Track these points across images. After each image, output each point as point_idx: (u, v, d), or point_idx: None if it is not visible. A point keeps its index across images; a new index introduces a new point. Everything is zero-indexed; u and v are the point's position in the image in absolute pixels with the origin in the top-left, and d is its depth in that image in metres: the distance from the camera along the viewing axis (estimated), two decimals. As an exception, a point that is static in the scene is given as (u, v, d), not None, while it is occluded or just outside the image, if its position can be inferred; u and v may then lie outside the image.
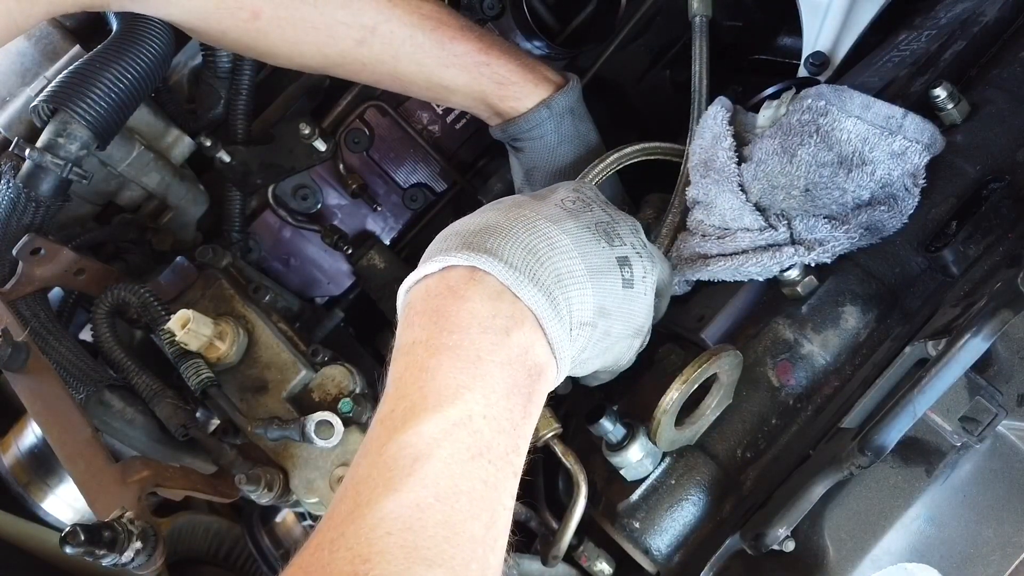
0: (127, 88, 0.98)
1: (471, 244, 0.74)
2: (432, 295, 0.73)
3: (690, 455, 0.90)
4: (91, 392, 0.92)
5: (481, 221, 0.78)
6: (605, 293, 0.79)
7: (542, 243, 0.76)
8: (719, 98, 1.00)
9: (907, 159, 0.87)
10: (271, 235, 1.27)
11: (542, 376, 0.73)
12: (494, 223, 0.77)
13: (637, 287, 0.82)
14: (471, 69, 1.03)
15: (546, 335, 0.73)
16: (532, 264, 0.74)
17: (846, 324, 0.89)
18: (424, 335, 0.71)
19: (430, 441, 0.65)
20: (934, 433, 0.80)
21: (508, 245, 0.74)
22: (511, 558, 0.91)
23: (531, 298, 0.72)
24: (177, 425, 0.92)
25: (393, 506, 0.62)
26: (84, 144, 0.97)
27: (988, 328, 0.73)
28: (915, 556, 0.80)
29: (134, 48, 0.99)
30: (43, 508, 1.04)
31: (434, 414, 0.66)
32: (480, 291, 0.72)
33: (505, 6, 1.27)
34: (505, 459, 0.68)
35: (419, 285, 0.75)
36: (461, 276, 0.73)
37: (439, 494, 0.63)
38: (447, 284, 0.73)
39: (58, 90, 0.96)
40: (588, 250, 0.79)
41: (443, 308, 0.71)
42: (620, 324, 0.82)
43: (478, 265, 0.72)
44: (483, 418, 0.67)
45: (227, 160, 1.14)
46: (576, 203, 0.83)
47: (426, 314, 0.72)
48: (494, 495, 0.66)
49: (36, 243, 0.97)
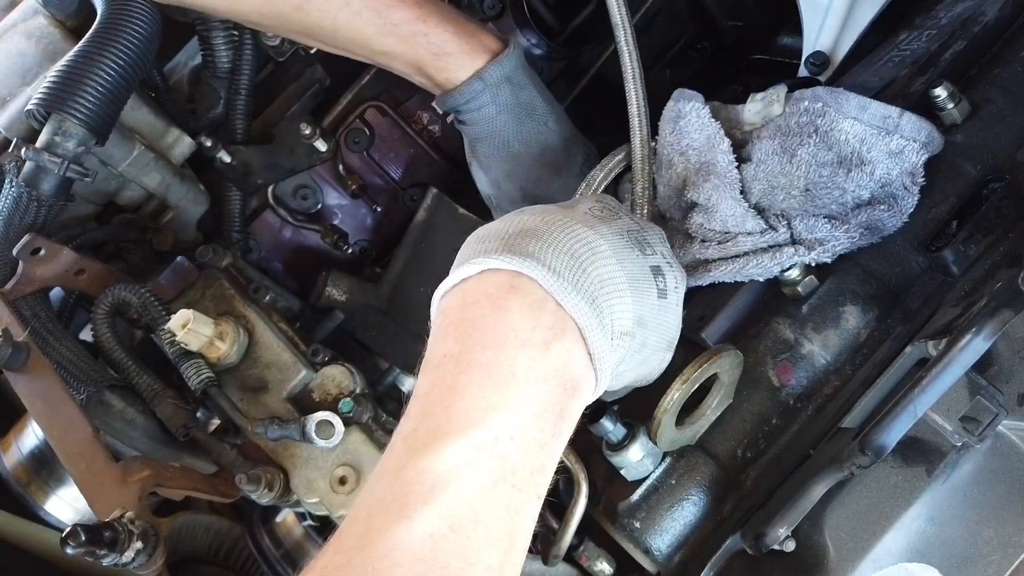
0: (117, 78, 0.98)
1: (512, 247, 0.71)
2: (468, 303, 0.69)
3: (690, 455, 0.90)
4: (91, 392, 0.92)
5: (518, 224, 0.74)
6: (643, 302, 0.76)
7: (583, 248, 0.73)
8: (685, 91, 0.97)
9: (905, 158, 0.87)
10: (271, 235, 1.27)
11: (578, 391, 0.70)
12: (532, 226, 0.73)
13: (671, 297, 0.80)
14: (408, 38, 1.00)
15: (588, 346, 0.70)
16: (575, 270, 0.71)
17: (846, 324, 0.89)
18: (456, 349, 0.67)
19: (451, 468, 0.62)
20: (934, 433, 0.80)
21: (551, 249, 0.71)
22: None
23: (575, 307, 0.69)
24: (177, 425, 0.92)
25: (405, 536, 0.59)
26: (82, 141, 0.97)
27: (989, 328, 0.73)
28: (915, 556, 0.80)
29: (119, 35, 0.98)
30: (44, 508, 1.04)
31: (458, 437, 0.63)
32: (520, 300, 0.68)
33: (505, 6, 1.28)
34: (530, 481, 0.65)
35: (455, 291, 0.71)
36: (501, 283, 0.69)
37: (455, 523, 0.60)
38: (485, 291, 0.69)
39: (49, 93, 0.96)
40: (624, 256, 0.76)
41: (479, 319, 0.68)
42: (655, 336, 0.79)
43: (521, 270, 0.69)
44: (510, 440, 0.64)
45: (227, 160, 1.14)
46: (604, 211, 0.80)
47: (461, 325, 0.69)
48: (515, 520, 0.64)
49: (36, 243, 0.97)
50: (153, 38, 1.01)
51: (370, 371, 0.98)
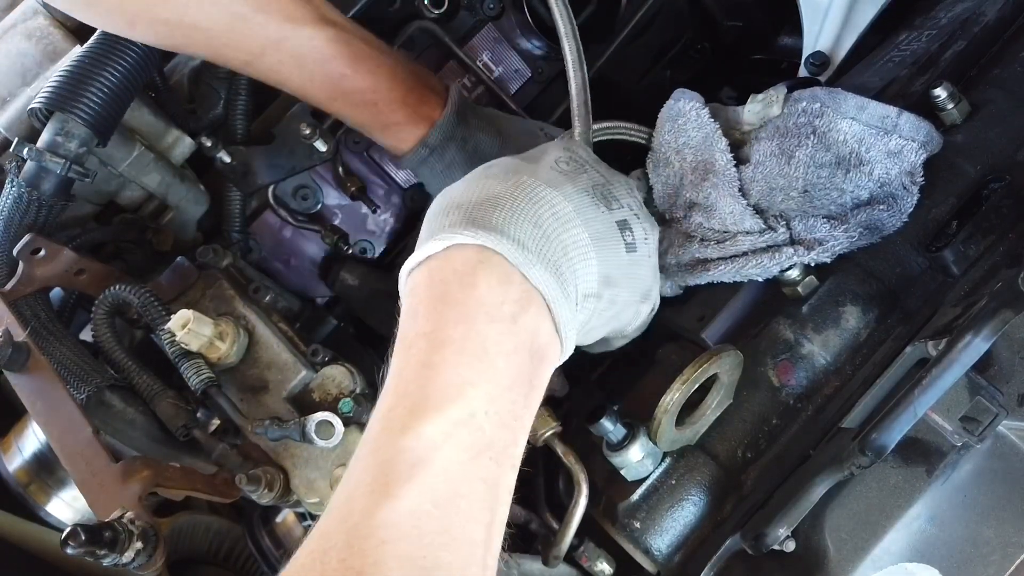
0: (121, 81, 0.98)
1: (476, 220, 0.71)
2: (436, 280, 0.70)
3: (691, 455, 0.90)
4: (92, 392, 0.92)
5: (481, 191, 0.75)
6: (609, 261, 0.77)
7: (547, 213, 0.74)
8: (685, 91, 0.98)
9: (904, 158, 0.87)
10: (271, 235, 1.27)
11: (546, 359, 0.72)
12: (495, 193, 0.74)
13: (640, 250, 0.80)
14: (358, 107, 1.01)
15: (552, 316, 0.71)
16: (539, 240, 0.72)
17: (847, 324, 0.89)
18: (428, 327, 0.68)
19: (430, 445, 0.62)
20: (935, 433, 0.80)
21: (515, 219, 0.72)
22: (512, 559, 0.91)
23: (540, 278, 0.70)
24: (177, 425, 0.92)
25: (389, 514, 0.60)
26: (84, 141, 0.98)
27: (989, 328, 0.73)
28: (916, 556, 0.80)
29: (124, 39, 0.99)
30: (44, 508, 1.04)
31: (436, 414, 0.64)
32: (488, 275, 0.69)
33: (505, 6, 1.28)
34: (506, 453, 0.66)
35: (422, 268, 0.72)
36: (468, 258, 0.70)
37: (437, 500, 0.61)
38: (452, 268, 0.70)
39: (52, 92, 0.97)
40: (589, 216, 0.76)
41: (449, 296, 0.69)
42: (626, 291, 0.80)
43: (487, 244, 0.69)
44: (486, 414, 0.65)
45: (227, 160, 1.14)
46: (570, 164, 0.81)
47: (431, 302, 0.69)
48: (494, 493, 0.65)
49: (36, 243, 0.97)
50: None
51: (370, 371, 0.98)
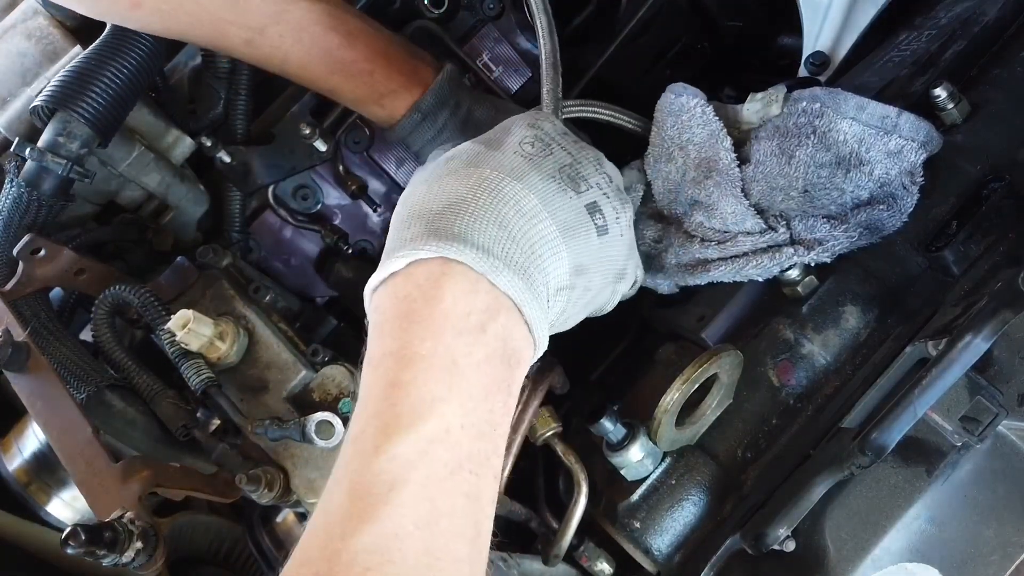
0: (125, 83, 0.98)
1: (437, 231, 0.70)
2: (401, 298, 0.69)
3: (690, 455, 0.90)
4: (92, 392, 0.92)
5: (442, 195, 0.73)
6: (580, 249, 0.76)
7: (511, 211, 0.72)
8: (687, 87, 0.97)
9: (904, 158, 0.87)
10: (271, 235, 1.26)
11: (521, 362, 0.71)
12: (457, 196, 0.72)
13: (612, 231, 0.79)
14: (355, 77, 1.01)
15: (524, 318, 0.70)
16: (504, 241, 0.70)
17: (846, 324, 0.89)
18: (396, 345, 0.67)
19: (405, 464, 0.61)
20: (935, 433, 0.80)
21: (478, 223, 0.70)
22: (512, 558, 0.91)
23: (507, 283, 0.69)
24: (177, 425, 0.92)
25: (370, 539, 0.58)
26: (85, 142, 0.98)
27: (989, 328, 0.73)
28: (916, 556, 0.80)
29: (129, 42, 0.99)
30: (44, 508, 1.04)
31: (409, 433, 0.62)
32: (452, 287, 0.68)
33: (505, 6, 1.27)
34: (486, 464, 0.65)
35: (386, 285, 0.71)
36: (431, 272, 0.68)
37: (418, 520, 0.60)
38: (416, 283, 0.69)
39: (56, 90, 0.97)
40: (557, 205, 0.75)
41: (414, 312, 0.67)
42: (599, 275, 0.79)
43: (449, 256, 0.68)
44: (461, 428, 0.64)
45: (227, 160, 1.14)
46: (535, 145, 0.79)
47: (397, 320, 0.68)
48: (476, 506, 0.64)
49: (36, 243, 0.97)
50: (164, 46, 1.02)
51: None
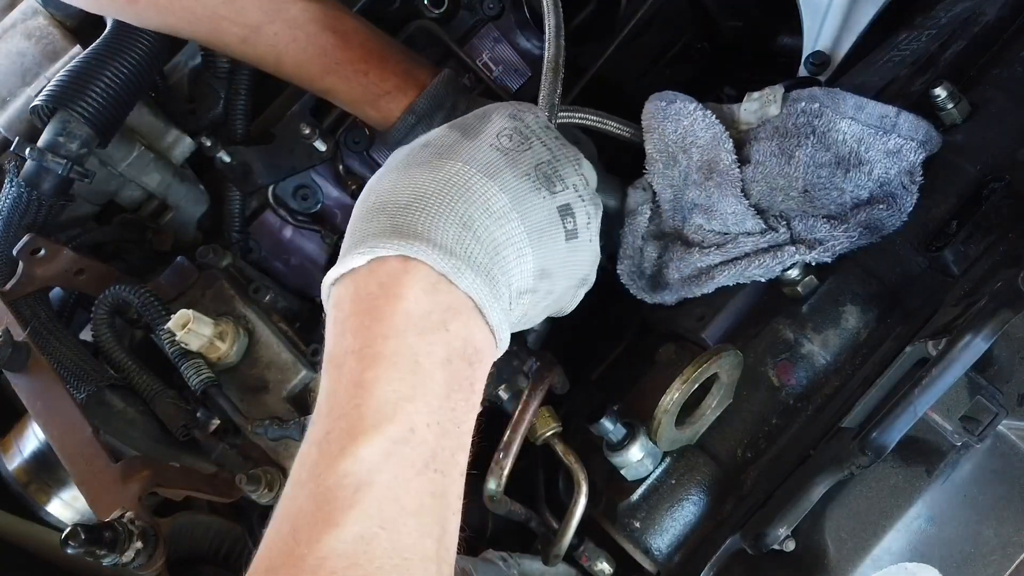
0: (125, 83, 0.99)
1: (400, 228, 0.69)
2: (362, 295, 0.68)
3: (690, 455, 0.90)
4: (91, 392, 0.92)
5: (409, 188, 0.72)
6: (547, 253, 0.75)
7: (478, 211, 0.71)
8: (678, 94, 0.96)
9: (903, 157, 0.87)
10: (271, 235, 1.26)
11: (483, 360, 0.70)
12: (424, 191, 0.71)
13: (581, 236, 0.78)
14: (351, 78, 1.00)
15: (485, 319, 0.69)
16: (468, 241, 0.69)
17: (846, 324, 0.89)
18: (357, 343, 0.66)
19: (371, 466, 0.60)
20: (934, 433, 0.81)
21: (442, 221, 0.69)
22: (512, 558, 0.91)
23: (468, 284, 0.68)
24: (177, 425, 0.92)
25: (336, 543, 0.57)
26: (85, 142, 0.98)
27: (988, 328, 0.73)
28: (915, 556, 0.80)
29: (129, 42, 0.99)
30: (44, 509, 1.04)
31: (374, 434, 0.61)
32: (414, 285, 0.67)
33: (505, 6, 1.27)
34: (451, 462, 0.65)
35: (346, 281, 0.69)
36: (391, 270, 0.67)
37: (385, 521, 0.59)
38: (377, 280, 0.68)
39: (57, 90, 0.97)
40: (528, 206, 0.74)
41: (375, 310, 0.66)
42: (563, 280, 0.78)
43: (409, 255, 0.67)
44: (426, 427, 0.63)
45: (227, 160, 1.14)
46: (513, 138, 0.77)
47: (357, 317, 0.67)
48: (443, 504, 0.63)
49: (36, 243, 0.97)
50: (164, 46, 1.03)
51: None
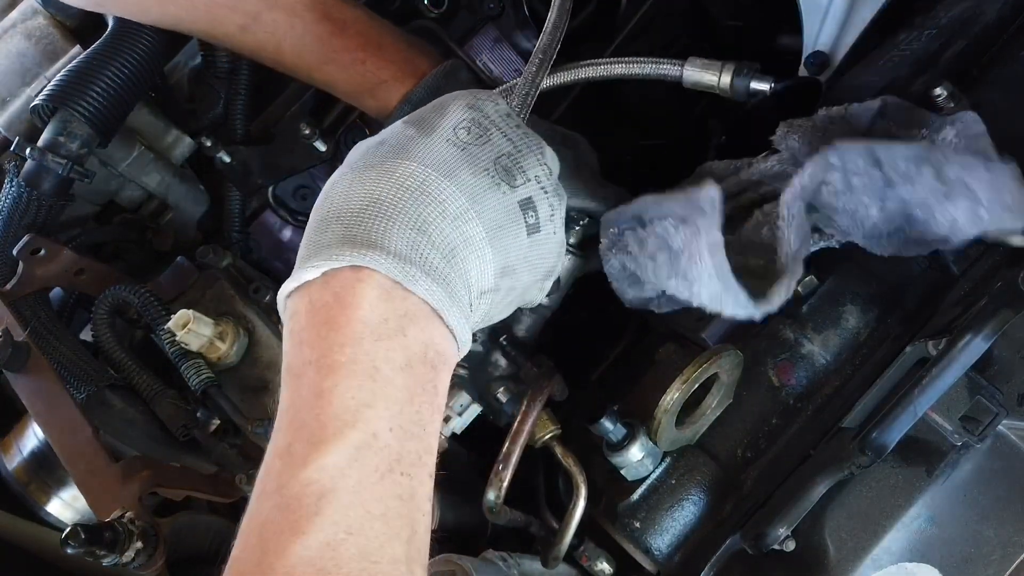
0: (126, 83, 0.99)
1: (353, 237, 0.68)
2: (317, 306, 0.67)
3: (690, 455, 0.90)
4: (92, 392, 0.92)
5: (363, 193, 0.71)
6: (508, 250, 0.74)
7: (433, 213, 0.70)
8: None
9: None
10: (271, 235, 1.26)
11: (446, 362, 0.70)
12: (377, 196, 0.70)
13: (544, 229, 0.76)
14: (349, 67, 0.99)
15: (444, 323, 0.69)
16: (423, 248, 0.68)
17: (846, 324, 0.89)
18: (315, 354, 0.65)
19: (334, 473, 0.60)
20: (935, 433, 0.80)
21: (395, 227, 0.68)
22: (512, 558, 0.91)
23: (424, 290, 0.67)
24: (178, 425, 0.92)
25: (303, 551, 0.57)
26: (85, 142, 0.98)
27: (989, 328, 0.73)
28: (916, 556, 0.80)
29: (130, 42, 0.99)
30: (44, 508, 1.04)
31: (335, 443, 0.61)
32: (368, 294, 0.66)
33: (505, 6, 1.27)
34: (418, 464, 0.64)
35: (301, 292, 0.69)
36: (345, 280, 0.67)
37: (351, 526, 0.59)
38: (332, 290, 0.67)
39: (58, 89, 0.97)
40: (487, 204, 0.72)
41: (331, 320, 0.66)
42: (527, 275, 0.77)
43: (362, 264, 0.67)
44: (389, 431, 0.63)
45: (227, 160, 1.14)
46: (471, 131, 0.75)
47: (313, 328, 0.67)
48: (411, 506, 0.63)
49: (37, 243, 0.97)
50: (164, 46, 1.03)
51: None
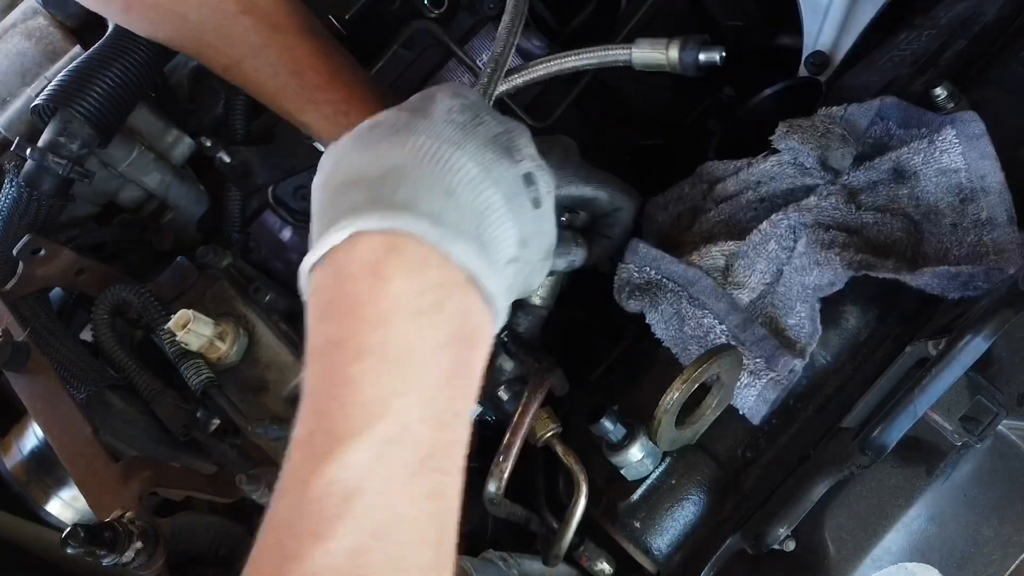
0: (127, 83, 0.99)
1: (380, 199, 0.62)
2: (344, 277, 0.61)
3: (691, 455, 0.90)
4: (92, 392, 0.92)
5: (379, 162, 0.65)
6: (522, 221, 0.69)
7: (457, 178, 0.65)
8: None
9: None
10: (271, 235, 1.26)
11: (482, 340, 0.64)
12: (396, 163, 0.64)
13: (544, 205, 0.73)
14: (330, 117, 1.00)
15: (481, 289, 0.63)
16: (454, 211, 0.63)
17: (846, 324, 0.89)
18: (341, 333, 0.59)
19: (361, 472, 0.55)
20: (934, 433, 0.80)
21: (423, 192, 0.63)
22: (511, 558, 0.91)
23: (463, 254, 0.61)
24: (178, 425, 0.92)
25: (326, 558, 0.53)
26: (86, 142, 0.98)
27: (989, 328, 0.73)
28: (916, 556, 0.80)
29: (131, 43, 1.00)
30: (44, 508, 1.04)
31: (362, 436, 0.56)
32: (402, 264, 0.60)
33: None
34: (450, 458, 0.59)
35: (325, 264, 0.62)
36: (377, 246, 0.60)
37: (378, 531, 0.54)
38: (360, 261, 0.60)
39: (58, 89, 0.97)
40: (498, 175, 0.68)
41: (360, 295, 0.60)
42: (536, 250, 0.73)
43: (398, 227, 0.60)
44: (421, 422, 0.58)
45: (227, 160, 1.14)
46: (464, 113, 0.71)
47: (340, 303, 0.60)
48: (441, 506, 0.58)
49: (37, 243, 0.97)
50: (165, 48, 1.03)
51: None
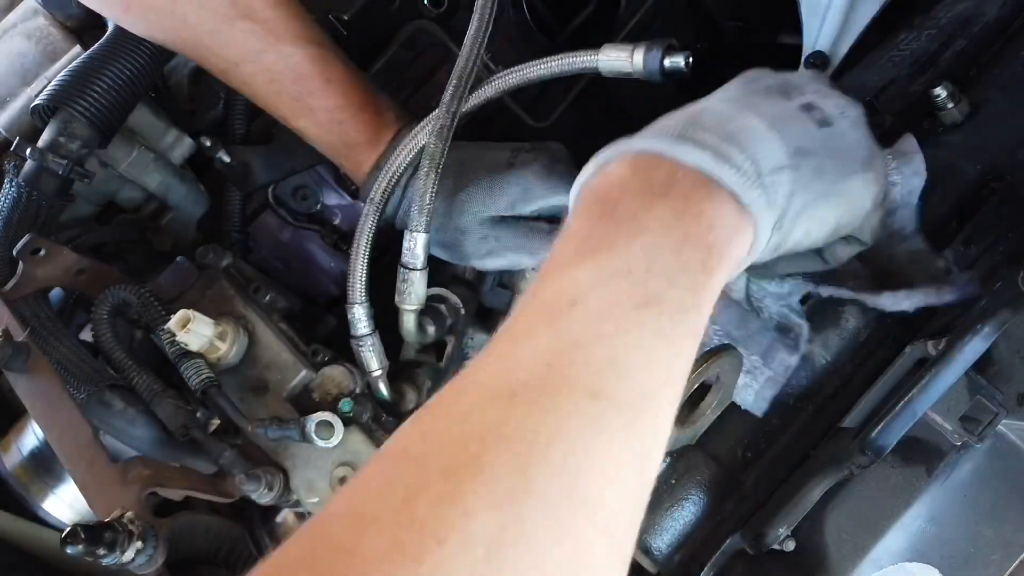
0: (127, 83, 0.99)
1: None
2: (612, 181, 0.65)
3: (690, 455, 0.90)
4: (92, 392, 0.92)
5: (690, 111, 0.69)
6: (796, 135, 0.69)
7: (697, 106, 0.69)
8: None
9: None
10: (271, 235, 1.26)
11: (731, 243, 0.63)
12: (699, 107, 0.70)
13: (838, 124, 0.72)
14: (324, 125, 1.00)
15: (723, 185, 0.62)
16: (688, 129, 0.65)
17: (846, 324, 0.89)
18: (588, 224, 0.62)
19: (586, 287, 0.56)
20: (934, 433, 0.80)
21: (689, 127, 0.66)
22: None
23: (691, 154, 0.62)
24: (178, 425, 0.92)
25: (551, 340, 0.54)
26: (86, 142, 0.98)
27: (988, 328, 0.73)
28: (915, 556, 0.80)
29: (131, 43, 1.00)
30: (43, 508, 1.04)
31: (587, 262, 0.58)
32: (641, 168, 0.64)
33: (505, 6, 1.27)
34: (681, 313, 0.57)
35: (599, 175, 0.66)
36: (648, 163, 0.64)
37: (602, 334, 0.54)
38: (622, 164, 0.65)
39: (58, 89, 0.97)
40: (763, 109, 0.69)
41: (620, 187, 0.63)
42: (830, 160, 0.70)
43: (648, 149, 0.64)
44: (646, 271, 0.57)
45: (227, 160, 1.14)
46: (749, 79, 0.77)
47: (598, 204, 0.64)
48: (670, 351, 0.56)
49: (37, 243, 0.97)
50: (164, 51, 1.03)
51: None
